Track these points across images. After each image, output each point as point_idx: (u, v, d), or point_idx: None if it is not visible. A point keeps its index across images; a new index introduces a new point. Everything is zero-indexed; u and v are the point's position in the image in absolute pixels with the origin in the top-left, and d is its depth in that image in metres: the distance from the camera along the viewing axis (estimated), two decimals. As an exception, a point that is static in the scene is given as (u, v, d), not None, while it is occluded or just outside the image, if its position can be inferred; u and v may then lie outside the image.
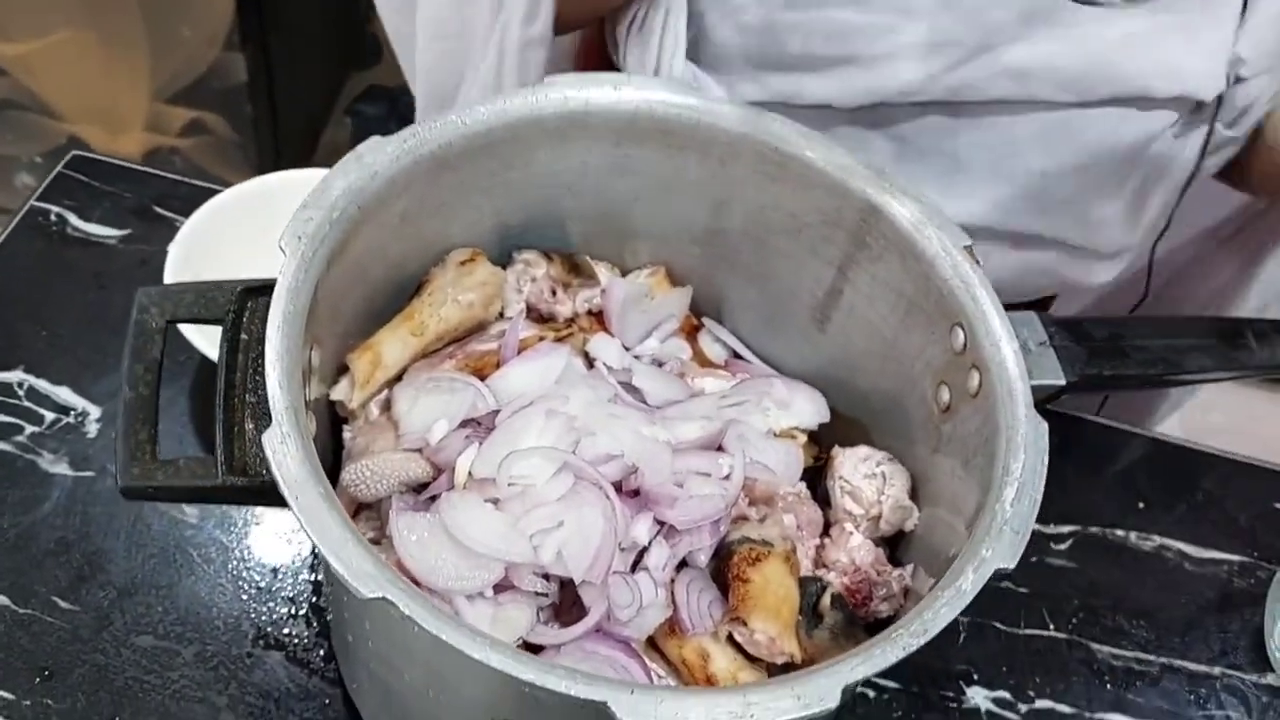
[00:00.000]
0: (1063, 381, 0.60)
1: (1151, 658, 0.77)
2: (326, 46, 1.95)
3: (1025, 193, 0.81)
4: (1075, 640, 0.77)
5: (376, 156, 0.55)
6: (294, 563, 0.74)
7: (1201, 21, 0.75)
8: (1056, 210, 0.82)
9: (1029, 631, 0.77)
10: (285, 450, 0.45)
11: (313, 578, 0.73)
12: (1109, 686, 0.75)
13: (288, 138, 1.77)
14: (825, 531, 0.64)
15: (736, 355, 0.72)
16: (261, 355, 0.48)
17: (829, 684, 0.44)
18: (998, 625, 0.77)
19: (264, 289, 0.51)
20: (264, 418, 0.49)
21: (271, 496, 0.48)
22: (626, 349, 0.66)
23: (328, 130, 2.02)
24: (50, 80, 1.67)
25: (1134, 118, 0.78)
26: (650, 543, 0.56)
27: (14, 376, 0.80)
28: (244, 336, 0.51)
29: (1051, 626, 0.77)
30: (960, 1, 0.72)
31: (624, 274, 0.70)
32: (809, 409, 0.67)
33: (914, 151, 0.79)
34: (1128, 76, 0.76)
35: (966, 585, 0.49)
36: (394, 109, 1.95)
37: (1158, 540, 0.82)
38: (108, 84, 1.66)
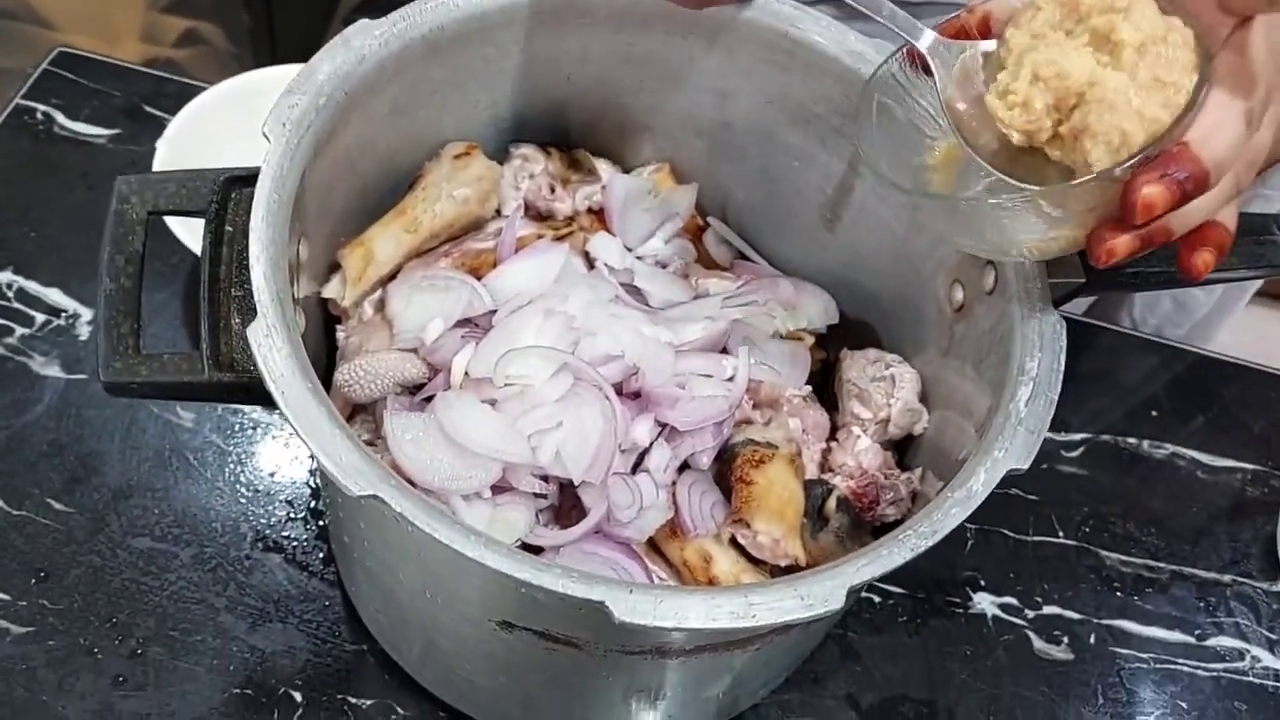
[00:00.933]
0: (1082, 279, 0.57)
1: (1161, 565, 0.76)
2: (324, -47, 1.90)
3: None
4: (1084, 547, 0.76)
5: (364, 40, 0.53)
6: (292, 465, 0.73)
7: None
8: None
9: (1037, 538, 0.76)
10: (271, 344, 0.44)
11: (311, 481, 0.72)
12: (1118, 593, 0.75)
13: (284, 48, 1.73)
14: (832, 435, 0.63)
15: (742, 256, 0.70)
16: (247, 247, 0.46)
17: (834, 585, 0.43)
18: (1005, 532, 0.76)
19: (249, 179, 0.49)
20: (250, 312, 0.47)
21: (259, 393, 0.46)
22: (628, 249, 0.64)
23: (325, 40, 1.98)
24: (40, -13, 1.63)
25: None
26: (651, 444, 0.55)
27: (3, 278, 0.78)
28: (228, 228, 0.49)
29: (1060, 534, 0.77)
30: None
31: (626, 170, 0.68)
32: (816, 310, 0.66)
33: None
34: None
35: (978, 486, 0.48)
36: (392, 19, 1.91)
37: (1170, 448, 0.81)
38: (99, -9, 1.62)
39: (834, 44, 0.59)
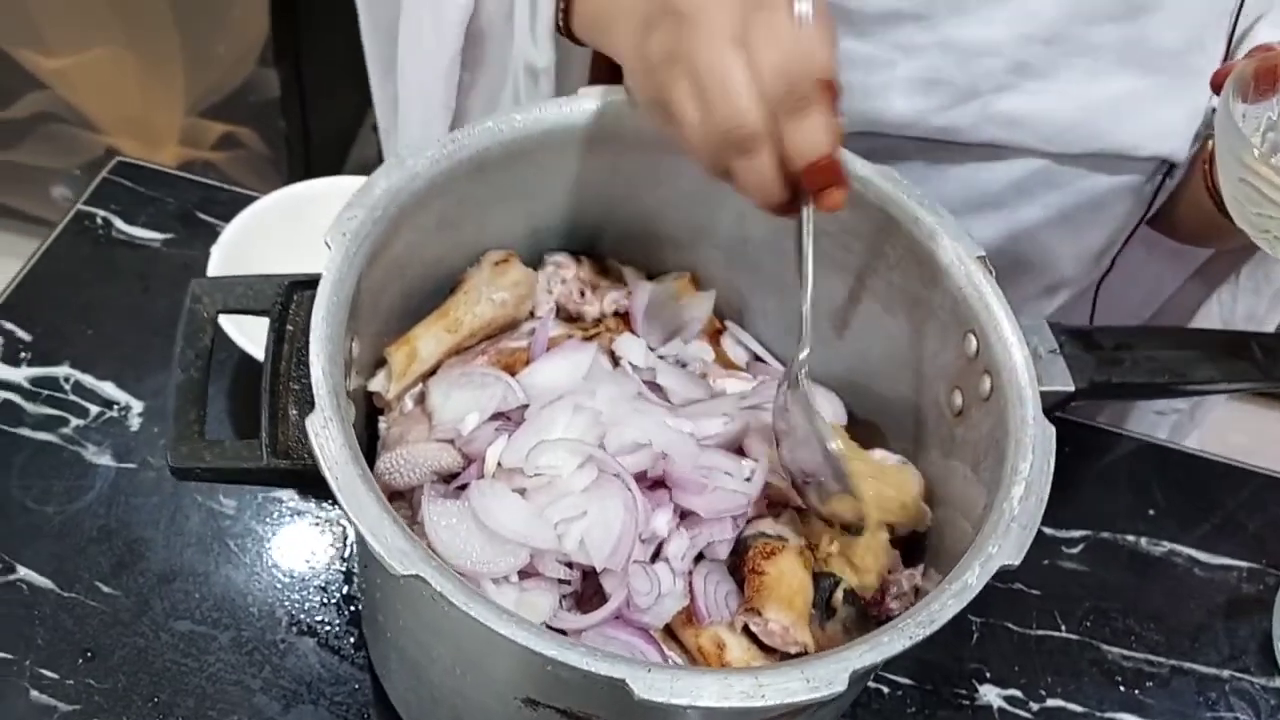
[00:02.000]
0: (1072, 388, 0.61)
1: (1161, 659, 0.78)
2: (357, 64, 1.99)
3: (995, 230, 0.83)
4: (1086, 641, 0.78)
5: (417, 160, 0.58)
6: (326, 552, 0.77)
7: (1182, 85, 0.77)
8: (1020, 248, 0.85)
9: (1041, 632, 0.78)
10: (327, 434, 0.48)
11: (344, 567, 0.76)
12: (1120, 687, 0.77)
13: (318, 152, 1.80)
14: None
15: (757, 358, 0.74)
16: (306, 345, 0.51)
17: (837, 668, 0.46)
18: (1010, 625, 0.78)
19: (309, 283, 0.54)
20: (307, 404, 0.52)
21: (311, 479, 0.51)
22: (651, 349, 0.68)
23: (356, 145, 2.06)
24: (88, 93, 1.70)
25: (1111, 169, 0.80)
26: (669, 534, 0.59)
27: (61, 371, 0.83)
28: (289, 327, 0.54)
29: (1063, 627, 0.79)
30: (956, 45, 0.74)
31: (650, 277, 0.72)
32: (827, 411, 0.69)
33: None
34: (1111, 135, 0.78)
35: (973, 579, 0.51)
36: (420, 128, 1.99)
37: (1168, 545, 0.84)
38: (144, 98, 1.70)
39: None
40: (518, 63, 0.73)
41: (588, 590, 0.59)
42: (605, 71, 0.84)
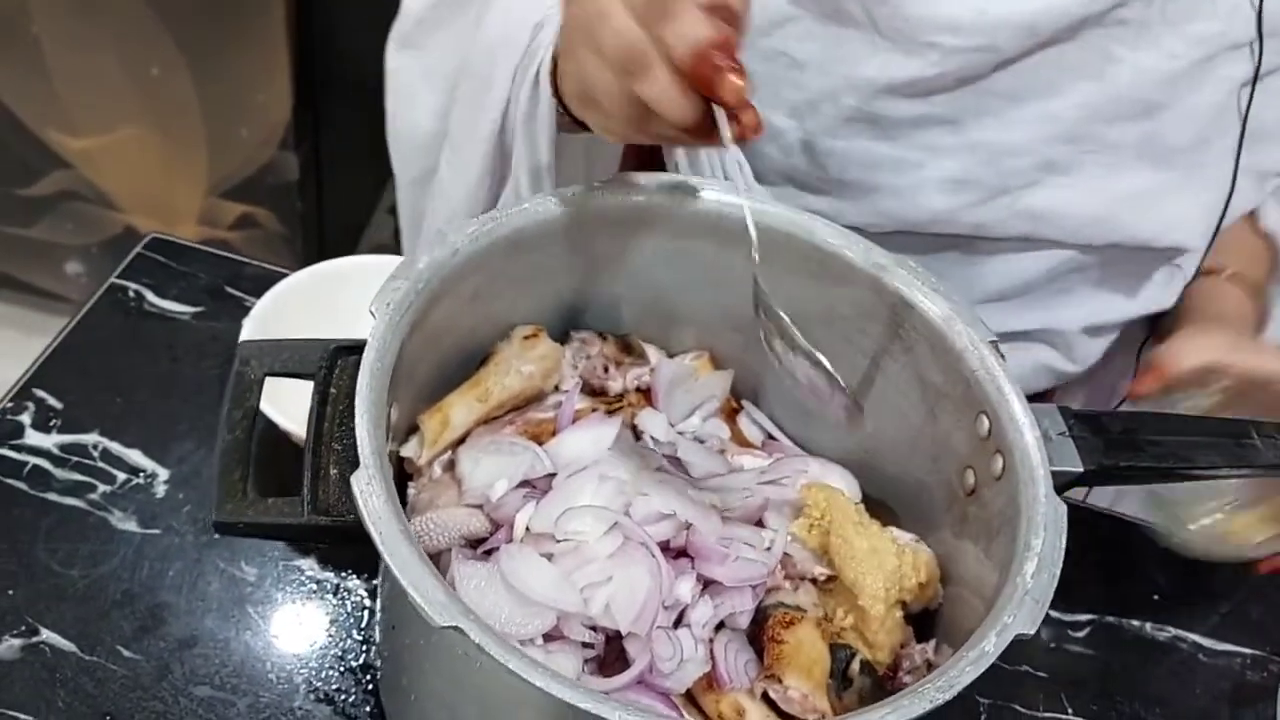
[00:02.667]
0: (1080, 469, 0.63)
1: (1168, 746, 0.79)
2: (373, 147, 2.04)
3: (1023, 321, 0.87)
4: (1094, 728, 0.79)
5: (458, 236, 0.61)
6: (345, 621, 0.77)
7: (1199, 180, 0.81)
8: (1048, 334, 0.88)
9: (1048, 714, 0.79)
10: (371, 490, 0.50)
11: (362, 636, 0.77)
12: (1127, 772, 0.77)
13: (333, 233, 1.84)
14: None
15: (771, 437, 0.76)
16: (350, 408, 0.53)
17: (858, 732, 0.48)
18: (1017, 707, 0.79)
19: (353, 348, 0.56)
20: (347, 464, 0.54)
21: (350, 535, 0.52)
22: (671, 425, 0.71)
23: (370, 228, 2.10)
24: (111, 173, 1.74)
25: (1134, 261, 0.84)
26: (693, 601, 0.60)
27: (90, 439, 0.85)
28: (333, 390, 0.56)
29: (1070, 710, 0.80)
30: (983, 146, 0.79)
31: (671, 355, 0.75)
32: (840, 484, 0.71)
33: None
34: (1132, 227, 0.83)
35: (989, 647, 0.53)
36: (434, 211, 2.03)
37: (1172, 631, 0.85)
38: (166, 179, 1.74)
39: (860, 258, 0.67)
40: (519, 167, 0.77)
41: (610, 655, 0.60)
42: (633, 160, 0.88)
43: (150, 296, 0.96)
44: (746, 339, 0.74)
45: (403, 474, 0.66)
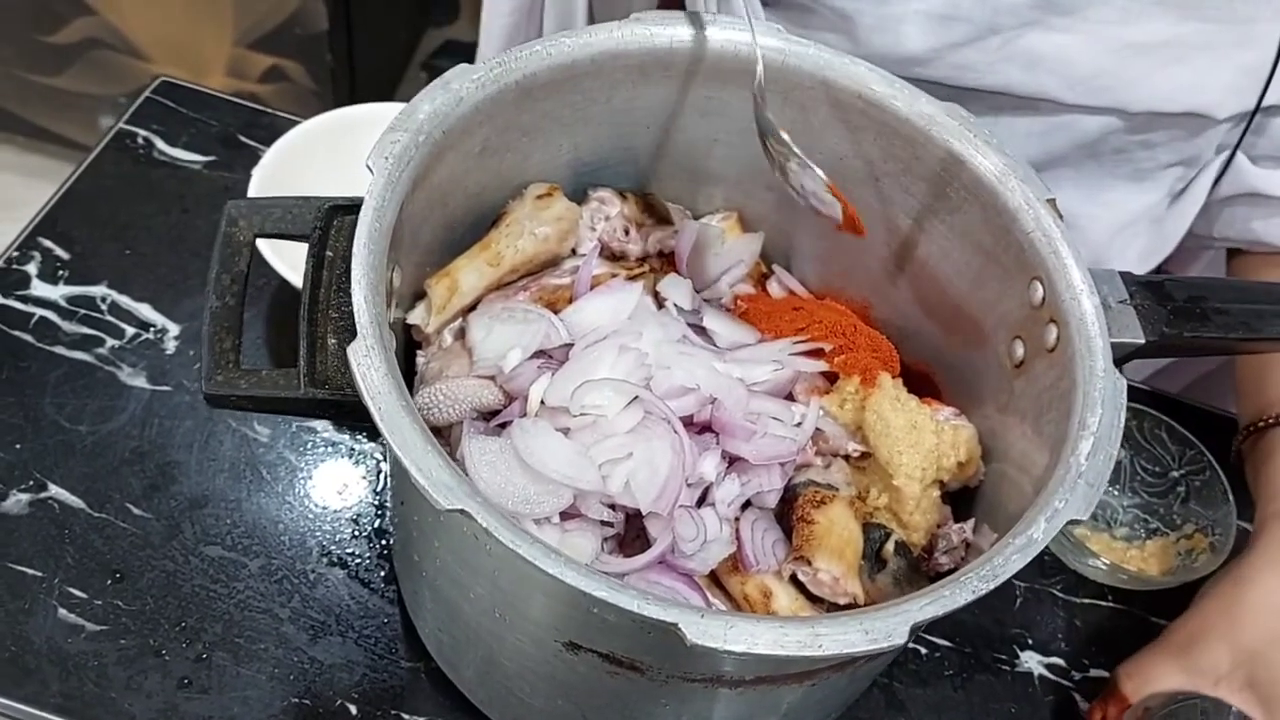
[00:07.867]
0: (1142, 340, 0.59)
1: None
2: (406, 0, 1.95)
3: None
4: (1134, 612, 0.77)
5: (463, 83, 0.55)
6: (359, 485, 0.76)
7: (1239, 35, 0.71)
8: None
9: (1087, 600, 0.76)
10: (369, 362, 0.46)
11: (376, 500, 0.75)
12: (1165, 657, 0.74)
13: (363, 89, 1.78)
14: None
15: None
16: (346, 272, 0.49)
17: (897, 621, 0.45)
18: (1056, 593, 0.76)
19: (350, 207, 0.52)
20: (346, 333, 0.50)
21: (350, 409, 0.49)
22: (696, 291, 0.66)
23: (403, 85, 2.03)
24: (136, 20, 1.69)
25: (1138, 127, 0.75)
26: (718, 479, 0.57)
27: (98, 291, 0.82)
28: (329, 253, 0.52)
29: (1109, 598, 0.77)
30: None
31: (696, 217, 0.70)
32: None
33: None
34: (1139, 85, 0.73)
35: (1038, 534, 0.49)
36: (470, 66, 1.96)
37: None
38: (192, 27, 1.68)
39: (906, 106, 0.61)
40: None
41: (630, 534, 0.57)
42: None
43: (160, 144, 0.92)
44: (779, 197, 0.69)
45: (412, 343, 0.62)
